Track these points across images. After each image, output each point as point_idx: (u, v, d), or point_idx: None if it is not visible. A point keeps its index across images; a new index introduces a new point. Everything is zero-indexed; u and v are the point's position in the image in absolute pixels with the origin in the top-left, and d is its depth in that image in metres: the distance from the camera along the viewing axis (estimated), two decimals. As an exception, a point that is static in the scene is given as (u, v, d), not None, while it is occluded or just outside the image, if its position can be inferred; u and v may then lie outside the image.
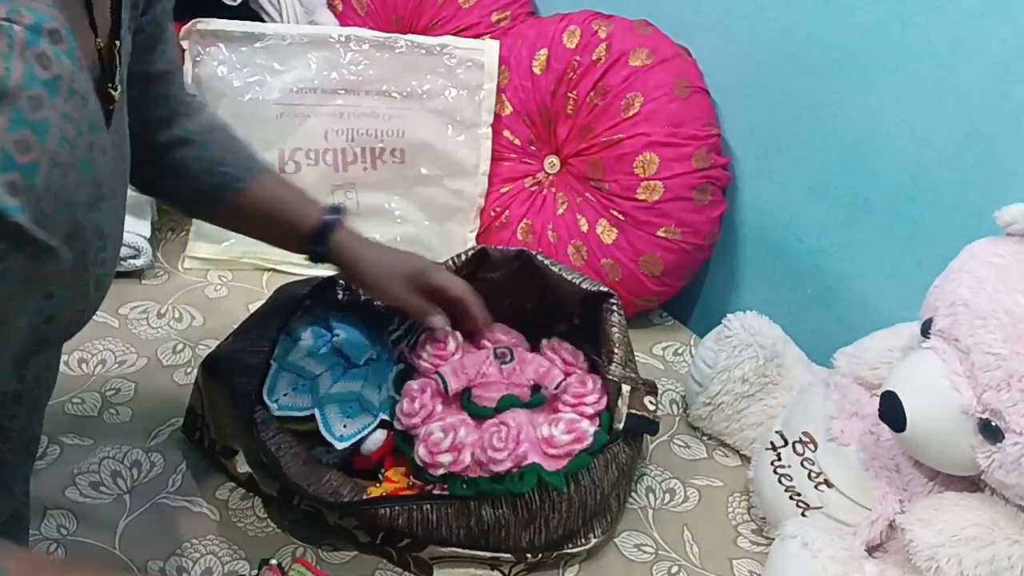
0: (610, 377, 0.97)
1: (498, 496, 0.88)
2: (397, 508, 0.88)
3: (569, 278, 1.02)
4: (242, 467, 0.95)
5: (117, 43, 0.65)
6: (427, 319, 0.98)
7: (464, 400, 0.96)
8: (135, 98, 0.76)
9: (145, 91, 0.81)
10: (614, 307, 1.01)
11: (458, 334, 1.00)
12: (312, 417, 0.93)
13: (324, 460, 0.93)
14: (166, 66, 0.83)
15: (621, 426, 0.94)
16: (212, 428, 0.97)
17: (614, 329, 1.00)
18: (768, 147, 1.25)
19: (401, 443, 0.95)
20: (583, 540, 0.94)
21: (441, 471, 0.90)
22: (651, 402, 0.97)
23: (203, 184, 0.89)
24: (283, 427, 0.91)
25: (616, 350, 0.99)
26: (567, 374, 1.00)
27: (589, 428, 0.93)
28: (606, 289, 1.02)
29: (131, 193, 1.22)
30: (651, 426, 0.97)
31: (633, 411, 0.95)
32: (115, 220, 0.66)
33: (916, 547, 0.83)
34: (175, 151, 0.87)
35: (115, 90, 0.64)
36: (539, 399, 0.97)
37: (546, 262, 1.03)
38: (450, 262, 1.05)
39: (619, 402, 0.95)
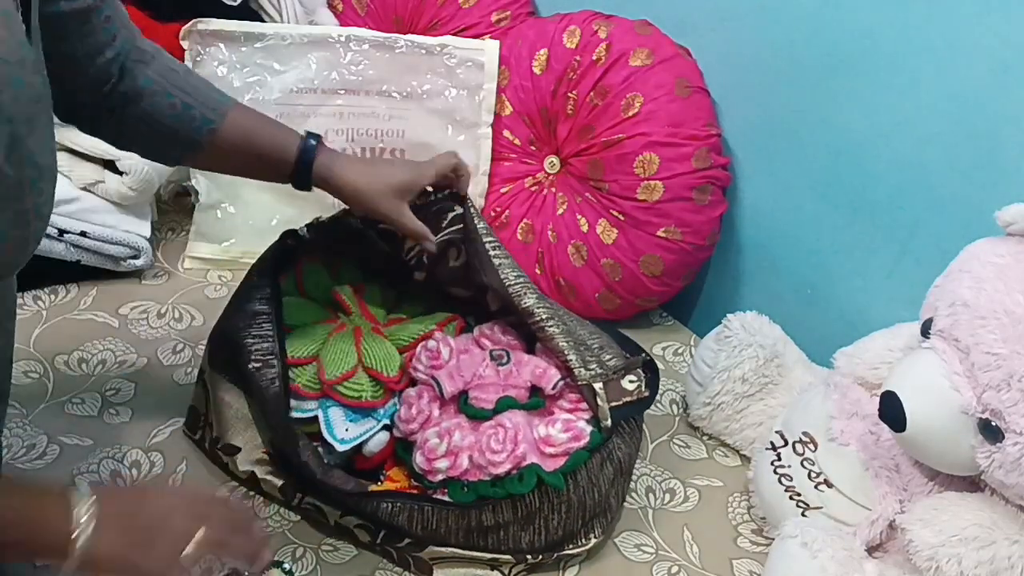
0: (580, 383, 0.94)
1: (499, 499, 0.88)
2: (399, 504, 0.88)
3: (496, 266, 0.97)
4: (244, 465, 0.95)
5: None
6: (423, 243, 0.96)
7: (461, 403, 0.95)
8: (74, 45, 0.75)
9: (82, 32, 0.79)
10: (537, 324, 0.95)
11: (451, 340, 1.00)
12: (315, 419, 0.94)
13: (326, 461, 0.93)
14: (94, 2, 0.79)
15: (609, 423, 0.93)
16: (215, 425, 0.97)
17: (556, 340, 0.94)
18: (768, 147, 1.25)
19: (400, 450, 0.95)
20: (583, 540, 0.94)
21: (440, 476, 0.90)
22: (631, 381, 0.96)
23: (173, 131, 0.87)
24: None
25: (568, 355, 0.94)
26: (564, 376, 0.99)
27: (586, 427, 0.93)
28: (528, 306, 0.95)
29: (131, 194, 1.24)
30: (640, 405, 0.97)
31: (615, 403, 0.94)
32: (47, 150, 0.65)
33: (916, 547, 0.83)
34: (138, 102, 0.85)
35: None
36: (537, 402, 0.96)
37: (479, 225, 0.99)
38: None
39: (598, 401, 0.94)
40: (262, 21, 1.40)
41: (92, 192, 1.22)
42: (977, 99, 0.99)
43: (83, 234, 1.19)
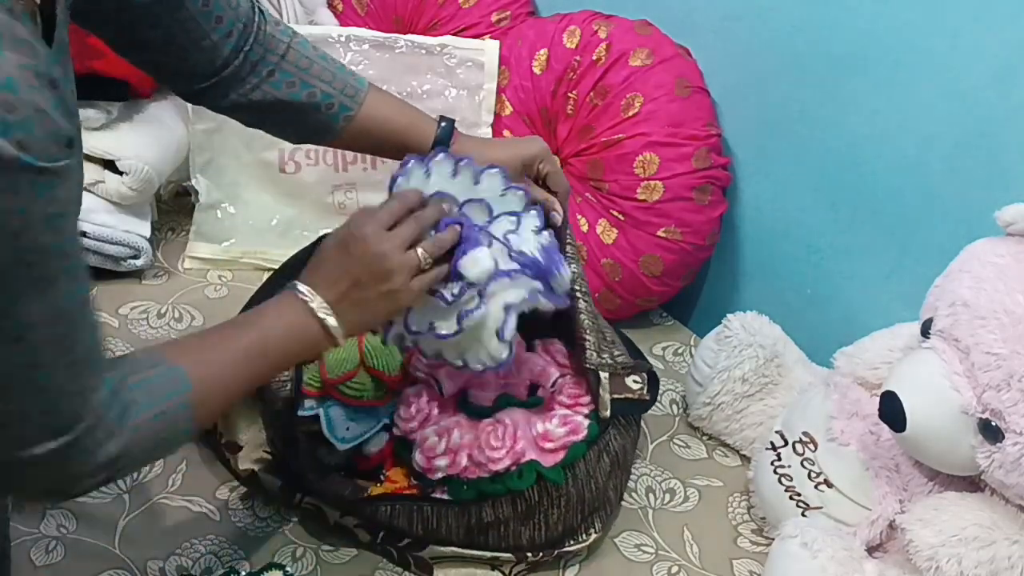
0: (587, 366, 0.95)
1: (499, 496, 0.88)
2: (398, 506, 0.88)
3: None
4: (245, 463, 0.95)
5: None
6: (551, 214, 0.94)
7: (460, 401, 0.96)
8: (172, 31, 0.78)
9: (173, 16, 0.78)
10: (578, 293, 0.95)
11: None
12: (317, 417, 0.94)
13: (326, 461, 0.93)
14: None
15: (608, 413, 0.93)
16: (219, 420, 0.97)
17: (582, 316, 0.95)
18: (768, 147, 1.25)
19: (401, 449, 0.95)
20: (583, 536, 0.94)
21: (439, 475, 0.90)
22: (635, 381, 0.97)
23: (313, 119, 0.88)
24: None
25: (587, 336, 0.95)
26: (562, 375, 0.99)
27: (583, 420, 0.93)
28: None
29: (131, 194, 1.24)
30: (640, 406, 0.97)
31: (616, 396, 0.94)
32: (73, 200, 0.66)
33: (916, 547, 0.83)
34: (278, 95, 0.86)
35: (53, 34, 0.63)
36: (536, 400, 0.96)
37: None
38: None
39: (600, 390, 0.94)
40: (262, 21, 1.40)
41: (92, 192, 1.22)
42: (977, 99, 0.99)
43: (83, 234, 1.19)
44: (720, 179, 1.24)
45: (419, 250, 0.77)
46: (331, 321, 0.75)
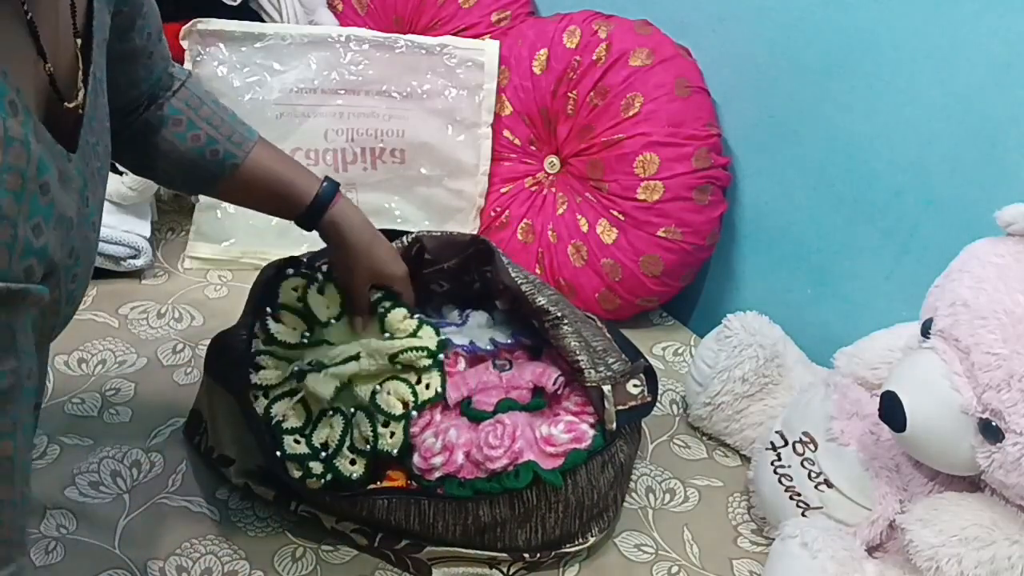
0: (588, 385, 0.94)
1: (495, 494, 0.88)
2: (395, 500, 0.88)
3: (519, 282, 0.98)
4: (237, 477, 0.95)
5: (76, 41, 0.63)
6: (355, 320, 0.97)
7: (463, 406, 0.96)
8: (115, 78, 0.74)
9: (127, 70, 0.79)
10: (551, 322, 0.95)
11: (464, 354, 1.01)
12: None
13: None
14: (144, 43, 0.80)
15: (614, 426, 0.93)
16: (211, 434, 0.97)
17: (567, 340, 0.95)
18: (768, 147, 1.25)
19: (402, 453, 0.95)
20: (581, 539, 0.93)
21: (437, 474, 0.90)
22: (635, 385, 0.97)
23: (196, 163, 0.87)
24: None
25: (580, 356, 0.94)
26: (568, 383, 0.99)
27: (589, 430, 0.93)
28: (542, 304, 0.96)
29: (131, 194, 1.24)
30: (644, 410, 0.97)
31: (621, 407, 0.94)
32: (87, 228, 0.65)
33: (916, 547, 0.83)
34: (163, 131, 0.85)
35: (77, 103, 0.62)
36: (538, 403, 0.96)
37: (504, 260, 1.00)
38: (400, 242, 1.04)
39: (605, 404, 0.94)
40: (262, 21, 1.40)
41: (92, 192, 1.22)
42: (977, 99, 0.99)
43: (83, 234, 1.19)
44: (720, 179, 1.24)
45: None
46: None
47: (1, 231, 0.50)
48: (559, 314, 0.95)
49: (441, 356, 0.96)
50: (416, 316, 0.97)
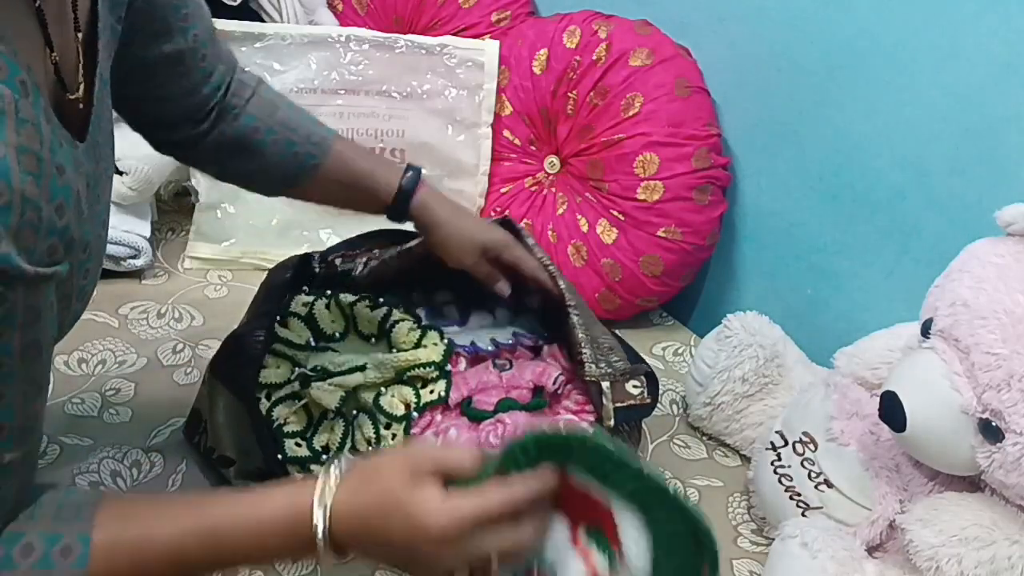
0: (588, 379, 0.95)
1: None
2: None
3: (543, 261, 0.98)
4: (237, 479, 0.94)
5: (77, 36, 0.63)
6: (496, 285, 0.97)
7: (464, 406, 0.96)
8: (167, 87, 0.75)
9: (178, 74, 0.78)
10: (570, 307, 0.96)
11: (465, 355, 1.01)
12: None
13: None
14: (192, 44, 0.78)
15: (612, 423, 0.93)
16: (210, 435, 0.97)
17: (576, 331, 0.95)
18: (768, 147, 1.25)
19: None
20: (581, 540, 0.93)
21: None
22: (634, 386, 0.96)
23: (277, 167, 0.87)
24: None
25: (584, 349, 0.95)
26: (568, 381, 0.99)
27: (588, 428, 0.93)
28: (564, 286, 0.96)
29: (131, 194, 1.24)
30: (643, 411, 0.97)
31: (619, 404, 0.94)
32: (98, 227, 0.65)
33: (916, 547, 0.83)
34: (241, 141, 0.86)
35: (80, 99, 0.62)
36: (539, 403, 0.96)
37: (528, 240, 1.00)
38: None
39: (603, 400, 0.94)
40: (262, 21, 1.40)
41: (92, 192, 1.22)
42: (977, 99, 0.99)
43: (83, 234, 1.19)
44: (720, 179, 1.24)
45: None
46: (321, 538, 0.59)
47: (28, 213, 0.49)
48: (573, 302, 0.96)
49: (448, 367, 0.96)
50: (421, 325, 0.97)
